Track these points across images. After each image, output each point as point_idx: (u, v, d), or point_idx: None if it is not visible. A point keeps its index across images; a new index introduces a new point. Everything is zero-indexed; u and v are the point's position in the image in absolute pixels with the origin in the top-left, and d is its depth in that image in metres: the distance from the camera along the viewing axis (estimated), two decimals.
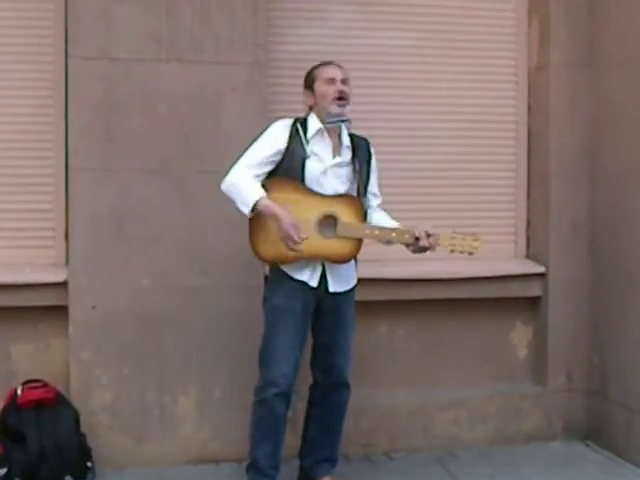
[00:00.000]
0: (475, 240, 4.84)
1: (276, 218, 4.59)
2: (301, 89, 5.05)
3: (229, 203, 4.75)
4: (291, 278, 4.76)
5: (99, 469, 5.24)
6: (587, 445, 5.97)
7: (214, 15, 5.39)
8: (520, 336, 6.17)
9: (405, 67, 5.97)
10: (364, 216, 4.85)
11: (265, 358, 4.81)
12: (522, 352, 6.18)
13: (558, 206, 5.96)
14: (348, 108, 4.82)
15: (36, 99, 5.49)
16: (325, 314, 4.87)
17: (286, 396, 4.78)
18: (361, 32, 5.90)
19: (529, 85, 6.15)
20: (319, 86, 4.81)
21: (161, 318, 5.41)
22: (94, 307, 5.34)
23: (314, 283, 4.77)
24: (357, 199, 4.82)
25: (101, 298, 5.35)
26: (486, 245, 6.00)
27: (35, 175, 5.52)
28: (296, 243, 4.57)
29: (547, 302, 6.01)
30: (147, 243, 5.37)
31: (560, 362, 6.03)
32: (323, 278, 4.80)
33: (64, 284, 5.34)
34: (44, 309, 5.40)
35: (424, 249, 4.79)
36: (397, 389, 5.91)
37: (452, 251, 4.84)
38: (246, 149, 4.75)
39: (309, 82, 4.87)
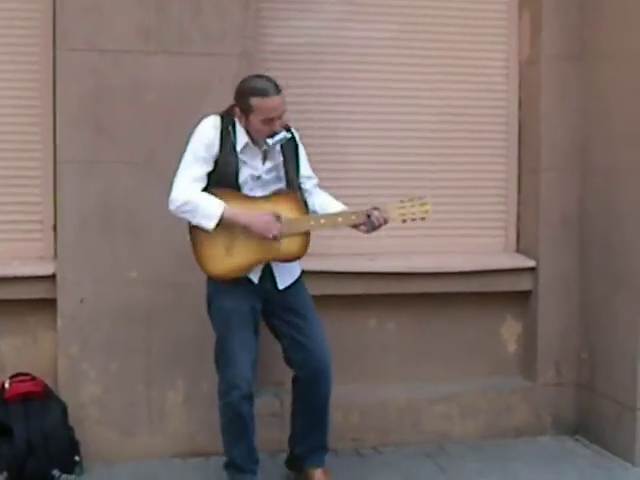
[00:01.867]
0: (423, 204, 4.72)
1: (248, 226, 4.56)
2: (290, 81, 5.03)
3: None
4: (233, 278, 4.70)
5: (87, 463, 5.22)
6: (576, 439, 5.97)
7: (203, 7, 5.36)
8: (510, 330, 6.16)
9: (395, 60, 5.94)
10: (305, 206, 4.79)
11: (222, 362, 4.77)
12: (512, 347, 6.17)
13: (548, 200, 5.94)
14: None
15: (24, 91, 5.45)
16: (282, 312, 4.82)
17: (249, 396, 4.73)
18: (351, 24, 5.87)
19: (520, 79, 6.13)
20: (255, 122, 4.58)
21: (149, 311, 5.39)
22: (82, 300, 5.32)
23: (255, 279, 4.72)
24: (294, 192, 4.75)
25: (89, 291, 5.33)
26: (476, 239, 6.08)
27: (23, 168, 5.48)
28: (276, 237, 4.56)
29: (537, 296, 6.00)
30: (135, 236, 5.35)
31: (549, 357, 6.02)
32: (269, 275, 4.75)
33: (52, 277, 5.32)
34: (32, 302, 5.37)
35: (377, 226, 4.69)
36: (386, 384, 5.89)
37: (404, 221, 4.73)
38: (181, 156, 4.67)
39: (244, 107, 4.60)
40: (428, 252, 5.91)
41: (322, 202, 4.90)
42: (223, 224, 4.55)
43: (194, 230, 4.64)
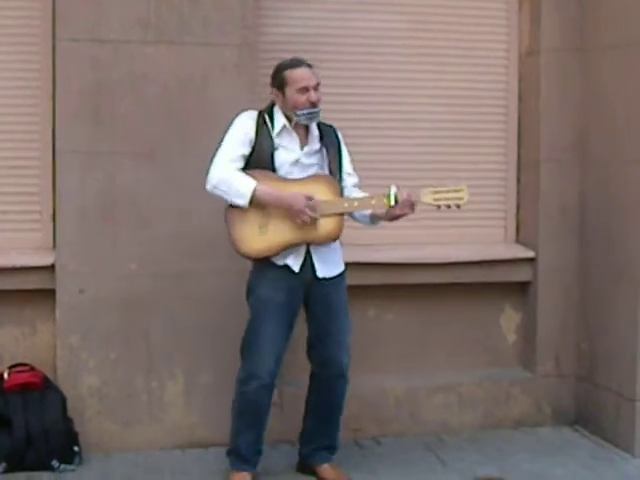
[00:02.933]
0: (458, 190, 4.77)
1: (280, 203, 4.62)
2: None
3: None
4: (274, 265, 4.73)
5: (86, 454, 5.22)
6: (576, 430, 5.98)
7: None
8: (509, 321, 6.17)
9: (395, 51, 5.93)
10: (340, 192, 4.83)
11: (247, 350, 4.80)
12: (511, 337, 6.18)
13: (548, 191, 5.95)
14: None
15: (23, 81, 5.43)
16: (315, 304, 4.85)
17: (269, 387, 4.79)
18: (351, 15, 5.86)
19: (519, 70, 6.12)
20: (291, 94, 4.72)
21: (149, 302, 5.38)
22: (81, 291, 5.31)
23: (296, 268, 4.75)
24: (330, 177, 4.80)
25: (88, 282, 5.32)
26: (476, 230, 6.07)
27: (22, 158, 5.47)
28: (312, 218, 4.61)
29: (536, 287, 6.00)
30: (135, 227, 5.34)
31: (549, 347, 6.03)
32: (309, 263, 4.77)
33: (51, 267, 5.31)
34: (31, 293, 5.36)
35: (407, 204, 4.73)
36: (385, 374, 5.90)
37: (438, 206, 4.78)
38: (218, 146, 4.73)
39: (279, 83, 4.78)
40: (428, 243, 5.91)
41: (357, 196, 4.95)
42: (256, 203, 4.61)
43: (229, 212, 4.69)
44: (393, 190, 4.72)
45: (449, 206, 4.79)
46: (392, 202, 4.72)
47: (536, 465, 5.36)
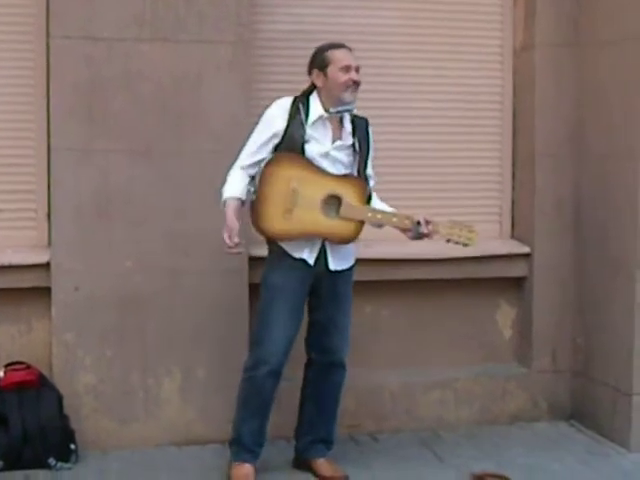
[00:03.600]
0: (471, 231, 4.87)
1: (226, 221, 4.70)
2: (286, 68, 5.01)
3: (212, 184, 4.75)
4: (290, 256, 4.76)
5: (82, 451, 5.21)
6: (572, 425, 5.99)
7: None
8: (505, 317, 6.17)
9: (390, 47, 5.93)
10: (368, 199, 4.87)
11: (260, 335, 4.83)
12: (507, 333, 6.18)
13: (543, 187, 5.95)
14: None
15: (17, 79, 5.41)
16: (322, 292, 4.87)
17: (277, 373, 4.80)
18: (346, 11, 5.85)
19: (514, 65, 6.12)
20: (334, 72, 4.75)
21: (144, 300, 5.38)
22: (77, 289, 5.30)
23: (312, 261, 4.77)
24: (362, 181, 4.84)
25: (84, 280, 5.31)
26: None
27: (17, 156, 5.45)
28: (229, 247, 4.70)
29: (532, 282, 6.01)
30: (130, 224, 5.33)
31: (545, 343, 6.03)
32: (323, 256, 4.80)
33: (46, 265, 5.30)
34: (26, 291, 5.35)
35: (423, 236, 4.82)
36: (382, 370, 5.90)
37: (448, 240, 4.87)
38: (252, 131, 4.80)
39: (321, 63, 4.80)
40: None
41: (378, 206, 4.96)
42: (289, 181, 4.66)
43: (262, 185, 4.70)
44: (418, 220, 4.79)
45: (457, 243, 4.87)
46: (411, 225, 4.81)
47: (532, 460, 5.37)
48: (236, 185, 4.75)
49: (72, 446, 5.15)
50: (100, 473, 5.08)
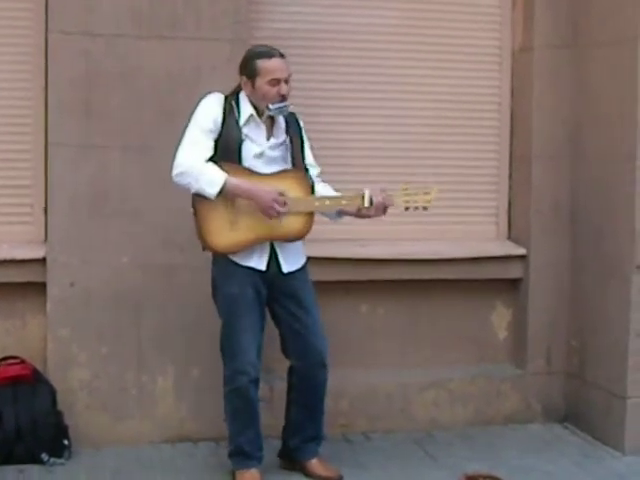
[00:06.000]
0: (426, 193, 4.78)
1: (251, 196, 4.58)
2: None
3: None
4: (239, 265, 4.70)
5: (76, 447, 5.21)
6: (566, 427, 5.98)
7: None
8: (500, 318, 6.17)
9: (388, 46, 5.92)
10: (311, 189, 4.80)
11: (229, 348, 4.78)
12: (502, 334, 6.18)
13: (540, 188, 5.95)
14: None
15: (15, 73, 5.42)
16: (284, 299, 4.83)
17: (256, 381, 4.78)
18: (344, 10, 5.85)
19: (512, 67, 6.13)
20: (261, 85, 4.64)
21: (140, 296, 5.38)
22: (72, 284, 5.31)
23: (263, 267, 4.73)
24: (302, 172, 4.78)
25: (80, 275, 5.31)
26: (468, 226, 6.07)
27: (14, 151, 5.45)
28: (279, 213, 4.57)
29: (527, 284, 6.01)
30: (126, 220, 5.34)
31: (540, 344, 6.03)
32: (274, 260, 4.75)
33: (42, 260, 5.30)
34: (22, 285, 5.35)
35: (379, 208, 4.74)
36: (376, 370, 5.90)
37: (407, 208, 4.78)
38: (184, 129, 4.69)
39: (249, 72, 4.68)
40: (419, 239, 5.90)
41: (324, 192, 4.91)
42: (226, 196, 4.56)
43: (198, 203, 4.63)
44: (367, 192, 4.71)
45: (417, 208, 4.80)
46: (366, 204, 4.72)
47: (526, 462, 5.36)
48: (215, 167, 4.57)
49: (65, 442, 5.15)
50: (93, 469, 5.08)
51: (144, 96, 5.33)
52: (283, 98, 4.65)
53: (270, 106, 4.66)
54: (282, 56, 4.70)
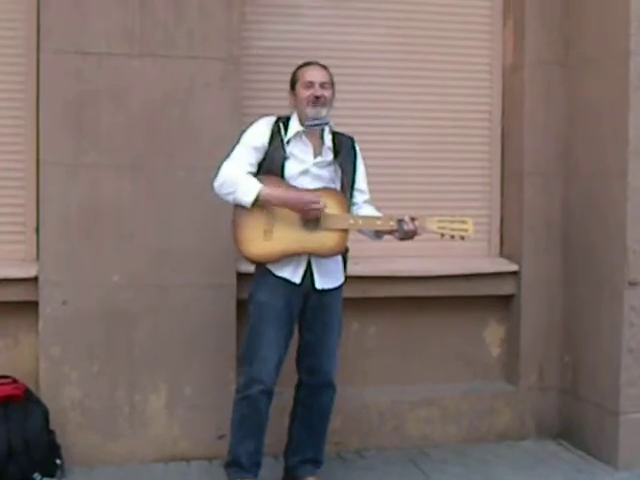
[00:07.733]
0: (464, 222, 4.81)
1: (286, 202, 4.63)
2: (275, 85, 5.03)
3: (200, 200, 4.74)
4: (274, 275, 4.73)
5: (68, 467, 5.20)
6: (559, 444, 5.97)
7: (188, 9, 5.36)
8: (493, 334, 6.17)
9: (379, 64, 5.95)
10: (348, 209, 4.83)
11: (249, 355, 4.78)
12: (495, 351, 6.18)
13: (532, 205, 5.96)
14: (325, 111, 4.78)
15: (7, 93, 5.43)
16: (311, 312, 4.84)
17: (269, 393, 4.77)
18: (335, 29, 5.89)
19: (503, 84, 6.15)
20: (298, 89, 4.80)
21: (132, 315, 5.37)
22: (64, 303, 5.30)
23: (297, 279, 4.75)
24: (340, 192, 4.80)
25: (71, 294, 5.30)
26: (460, 243, 5.99)
27: (6, 169, 5.46)
28: (320, 209, 4.62)
29: (520, 301, 6.01)
30: (118, 239, 5.33)
31: (533, 361, 6.03)
32: (309, 274, 4.77)
33: (34, 279, 5.29)
34: (14, 304, 5.35)
35: (410, 234, 4.77)
36: (369, 387, 5.90)
37: (442, 235, 4.80)
38: (232, 148, 4.76)
39: (292, 83, 4.86)
40: (411, 256, 5.89)
41: (365, 212, 4.95)
42: (263, 205, 4.63)
43: (236, 213, 4.69)
44: (403, 217, 4.74)
45: (453, 236, 4.82)
46: (397, 226, 4.75)
47: (519, 478, 5.35)
48: (253, 178, 4.67)
49: (58, 461, 5.13)
50: None
51: (136, 115, 5.33)
52: (316, 99, 4.74)
53: (305, 122, 4.76)
54: (323, 66, 4.87)
